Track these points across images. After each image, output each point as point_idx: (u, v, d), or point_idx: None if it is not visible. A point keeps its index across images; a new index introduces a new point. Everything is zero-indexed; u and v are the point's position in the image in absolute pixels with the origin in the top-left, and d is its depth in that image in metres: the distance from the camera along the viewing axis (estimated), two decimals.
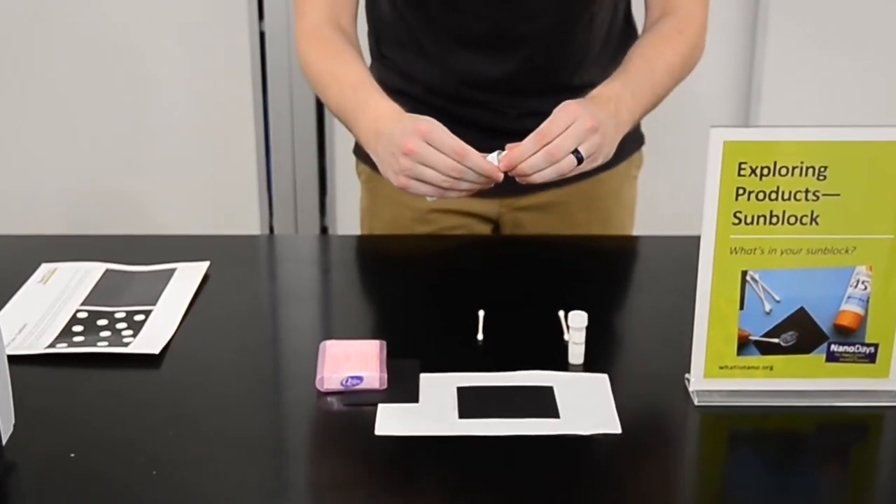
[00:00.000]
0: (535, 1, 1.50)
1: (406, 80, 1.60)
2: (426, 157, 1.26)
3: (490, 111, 1.58)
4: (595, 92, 1.41)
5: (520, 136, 1.36)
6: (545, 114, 1.31)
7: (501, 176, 1.30)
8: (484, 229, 1.70)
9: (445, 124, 1.30)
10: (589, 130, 1.30)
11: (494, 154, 1.30)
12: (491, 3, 1.50)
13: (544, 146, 1.29)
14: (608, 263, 1.58)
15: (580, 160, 1.30)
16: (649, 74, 1.46)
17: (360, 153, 1.70)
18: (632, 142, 1.64)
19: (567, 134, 1.29)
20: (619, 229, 1.72)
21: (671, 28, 1.52)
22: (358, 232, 1.78)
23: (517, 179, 1.32)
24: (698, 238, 1.13)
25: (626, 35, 1.63)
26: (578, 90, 1.52)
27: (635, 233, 1.77)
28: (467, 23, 1.52)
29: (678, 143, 2.68)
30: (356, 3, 1.56)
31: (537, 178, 1.31)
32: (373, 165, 1.45)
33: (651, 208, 2.53)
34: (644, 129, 1.71)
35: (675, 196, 2.58)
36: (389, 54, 1.63)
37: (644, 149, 1.74)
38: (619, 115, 1.38)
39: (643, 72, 1.46)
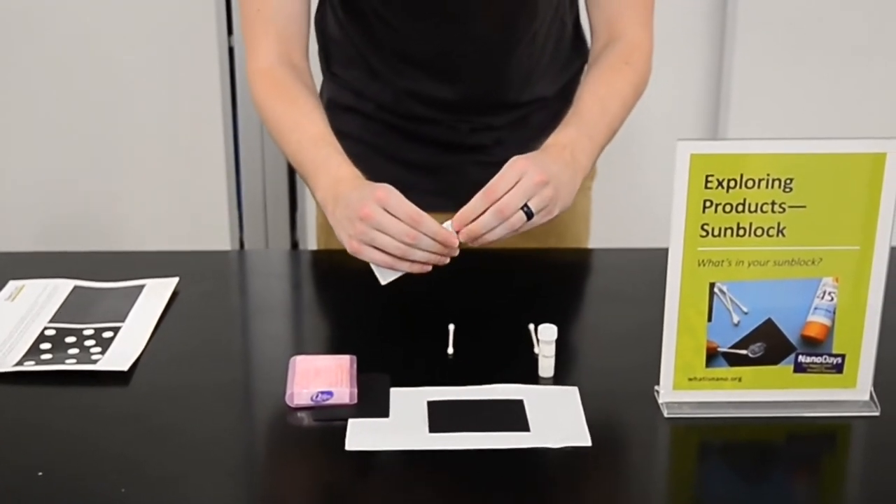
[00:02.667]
0: (472, 23, 1.50)
1: (357, 98, 1.60)
2: (381, 222, 1.25)
3: (442, 127, 1.58)
4: (550, 140, 1.40)
5: (472, 150, 1.34)
6: (497, 128, 1.30)
7: (457, 243, 1.28)
8: None
9: (398, 140, 1.28)
10: (538, 184, 1.28)
11: (448, 223, 1.28)
12: (429, 25, 1.50)
13: (493, 203, 1.27)
14: (574, 276, 1.58)
15: (530, 216, 1.28)
16: (603, 113, 1.45)
17: None
18: None
19: (515, 190, 1.27)
20: (574, 241, 1.72)
21: (619, 59, 1.51)
22: None
23: (469, 244, 1.29)
24: (664, 250, 1.14)
25: (575, 48, 1.63)
26: (528, 105, 1.52)
27: (606, 244, 1.77)
28: (410, 44, 1.53)
29: (648, 156, 2.70)
30: (307, 36, 1.55)
31: (489, 237, 1.29)
32: None
33: (629, 220, 2.55)
34: (613, 142, 1.72)
35: (653, 207, 2.58)
36: (340, 73, 1.63)
37: (613, 161, 1.74)
38: (577, 162, 1.37)
39: (596, 112, 1.45)
